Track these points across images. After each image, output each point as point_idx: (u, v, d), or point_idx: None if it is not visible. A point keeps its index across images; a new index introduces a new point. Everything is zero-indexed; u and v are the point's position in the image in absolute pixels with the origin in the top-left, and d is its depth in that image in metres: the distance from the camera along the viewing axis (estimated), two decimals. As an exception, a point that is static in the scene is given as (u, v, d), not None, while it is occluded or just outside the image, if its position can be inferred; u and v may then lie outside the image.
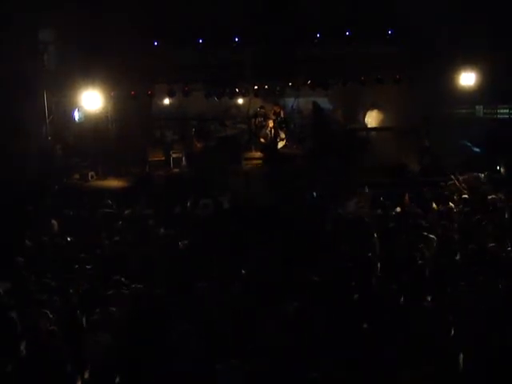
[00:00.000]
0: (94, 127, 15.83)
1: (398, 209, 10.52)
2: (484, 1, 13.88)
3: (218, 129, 17.49)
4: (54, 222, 10.15)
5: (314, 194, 12.17)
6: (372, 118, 17.53)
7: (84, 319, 6.39)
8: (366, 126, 17.70)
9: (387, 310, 6.07)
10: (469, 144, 14.57)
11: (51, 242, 9.24)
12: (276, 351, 5.38)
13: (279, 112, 17.21)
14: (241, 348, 5.47)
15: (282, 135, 16.92)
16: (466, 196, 11.11)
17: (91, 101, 14.48)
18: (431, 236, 8.41)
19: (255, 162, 16.23)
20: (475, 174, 12.78)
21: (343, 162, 14.64)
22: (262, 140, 16.78)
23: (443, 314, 5.91)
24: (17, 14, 13.18)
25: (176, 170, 15.98)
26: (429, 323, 5.72)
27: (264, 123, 17.00)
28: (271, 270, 7.30)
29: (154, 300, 6.62)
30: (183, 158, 16.34)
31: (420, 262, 7.37)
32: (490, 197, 10.67)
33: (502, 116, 15.93)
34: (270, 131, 16.81)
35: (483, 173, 12.82)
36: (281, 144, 16.87)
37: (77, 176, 15.17)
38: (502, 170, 13.64)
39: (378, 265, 7.67)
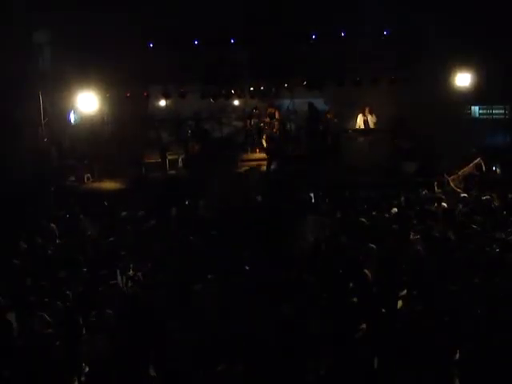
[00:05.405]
0: (90, 129, 15.80)
1: (395, 210, 10.53)
2: (478, 1, 13.93)
3: (214, 128, 17.45)
4: (52, 225, 10.10)
5: (312, 194, 12.18)
6: (367, 119, 17.52)
7: (80, 321, 6.37)
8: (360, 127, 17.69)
9: (385, 312, 6.08)
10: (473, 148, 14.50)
11: (47, 244, 9.22)
12: (274, 352, 5.38)
13: (274, 113, 17.19)
14: (239, 348, 5.47)
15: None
16: (464, 195, 11.14)
17: (87, 102, 14.47)
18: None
19: (254, 163, 16.18)
20: (467, 173, 12.82)
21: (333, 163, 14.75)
22: (265, 141, 16.63)
23: (440, 314, 5.92)
24: (11, 15, 13.15)
25: (172, 172, 15.97)
26: (426, 323, 5.73)
27: (260, 125, 16.98)
28: (269, 270, 7.31)
29: (152, 300, 6.62)
30: (179, 160, 16.32)
31: (417, 262, 7.40)
32: (484, 197, 10.70)
33: (497, 116, 16.01)
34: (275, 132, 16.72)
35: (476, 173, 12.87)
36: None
37: (72, 178, 15.13)
38: (497, 170, 13.69)
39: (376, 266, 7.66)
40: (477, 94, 15.08)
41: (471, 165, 12.81)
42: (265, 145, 16.60)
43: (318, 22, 15.25)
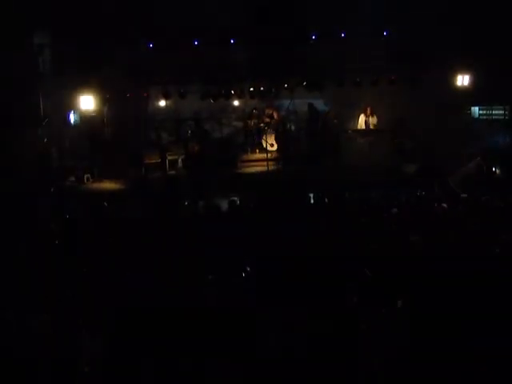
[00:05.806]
0: (90, 129, 15.81)
1: (395, 210, 10.53)
2: (479, 2, 13.95)
3: (214, 128, 17.47)
4: (53, 225, 10.11)
5: (312, 195, 12.18)
6: (368, 120, 17.52)
7: (81, 321, 6.37)
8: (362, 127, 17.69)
9: (385, 312, 6.07)
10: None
11: (48, 243, 9.22)
12: (274, 352, 5.38)
13: (272, 114, 17.19)
14: (241, 349, 5.47)
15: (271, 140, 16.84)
16: (464, 195, 11.16)
17: (87, 103, 14.51)
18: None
19: (254, 164, 16.19)
20: (467, 173, 12.84)
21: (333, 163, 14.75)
22: (270, 141, 16.59)
23: (440, 314, 5.92)
24: (11, 15, 13.15)
25: (172, 172, 15.98)
26: (426, 323, 5.73)
27: (260, 125, 16.98)
28: (269, 270, 7.30)
29: (152, 300, 6.61)
30: (179, 160, 16.34)
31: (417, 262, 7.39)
32: (484, 197, 10.70)
33: (496, 117, 16.03)
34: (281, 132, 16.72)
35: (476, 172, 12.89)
36: (273, 148, 16.79)
37: (72, 178, 15.15)
38: (497, 170, 13.69)
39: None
40: (477, 95, 15.10)
41: (471, 165, 12.83)
42: (265, 145, 16.62)
43: (318, 21, 15.28)
